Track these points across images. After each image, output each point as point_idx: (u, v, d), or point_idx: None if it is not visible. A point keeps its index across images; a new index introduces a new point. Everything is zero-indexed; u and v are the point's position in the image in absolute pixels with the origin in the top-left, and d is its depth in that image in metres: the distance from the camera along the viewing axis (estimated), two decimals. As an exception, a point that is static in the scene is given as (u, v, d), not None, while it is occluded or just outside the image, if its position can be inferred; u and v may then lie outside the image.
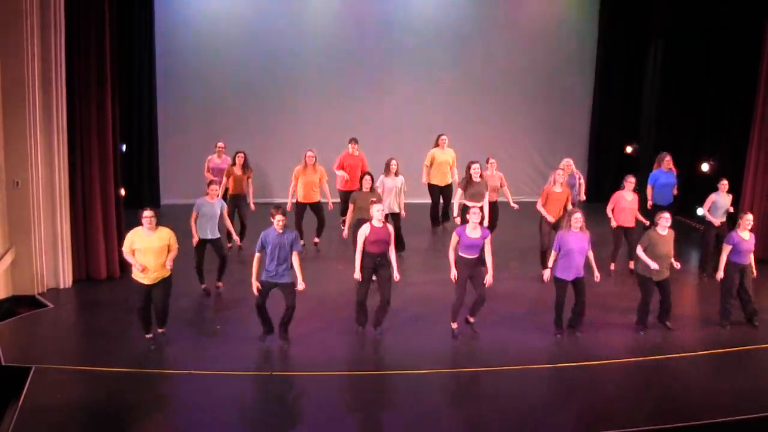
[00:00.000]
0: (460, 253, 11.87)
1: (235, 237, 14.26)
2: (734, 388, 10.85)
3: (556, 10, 21.67)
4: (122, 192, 15.00)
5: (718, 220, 14.71)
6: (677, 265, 12.52)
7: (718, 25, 18.70)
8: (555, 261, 12.10)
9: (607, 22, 21.56)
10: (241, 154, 15.98)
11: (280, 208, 11.33)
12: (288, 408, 10.20)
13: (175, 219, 14.65)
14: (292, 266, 11.36)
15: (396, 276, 11.88)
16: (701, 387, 11.04)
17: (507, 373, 11.15)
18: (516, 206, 16.49)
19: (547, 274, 12.24)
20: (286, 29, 20.20)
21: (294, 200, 15.89)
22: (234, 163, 15.99)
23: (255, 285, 11.39)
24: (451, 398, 10.72)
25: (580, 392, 10.77)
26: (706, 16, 19.10)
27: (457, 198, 15.46)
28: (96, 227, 14.10)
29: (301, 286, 11.33)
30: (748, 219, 12.60)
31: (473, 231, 11.77)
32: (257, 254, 11.39)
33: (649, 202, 15.78)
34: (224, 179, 15.82)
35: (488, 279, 11.92)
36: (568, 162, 15.91)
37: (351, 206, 14.19)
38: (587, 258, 12.14)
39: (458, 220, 15.00)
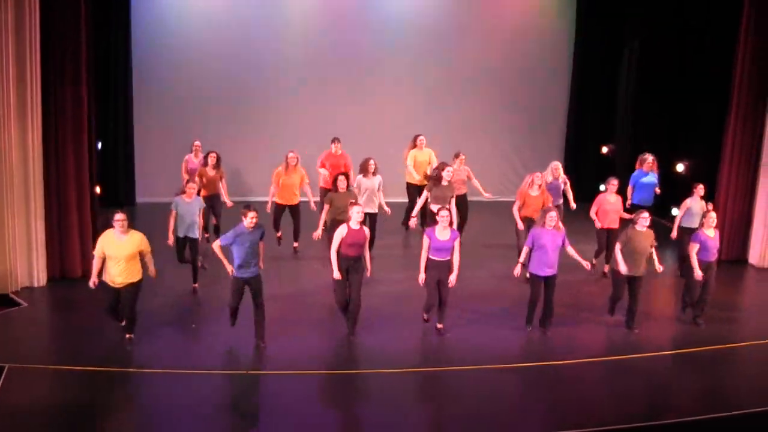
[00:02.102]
0: (431, 256, 11.80)
1: (205, 236, 13.95)
2: (704, 387, 10.99)
3: (533, 12, 21.70)
4: (97, 190, 14.92)
5: (694, 225, 14.69)
6: (659, 268, 12.67)
7: (693, 27, 18.84)
8: (528, 257, 12.16)
9: (584, 23, 21.64)
10: (214, 154, 15.81)
11: (251, 206, 11.31)
12: (262, 406, 10.21)
13: (151, 217, 14.63)
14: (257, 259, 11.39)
15: (367, 272, 11.91)
16: (673, 386, 11.15)
17: (480, 371, 11.19)
18: (488, 195, 16.43)
19: (517, 269, 12.29)
20: (265, 27, 20.16)
21: (273, 200, 15.77)
22: (206, 163, 15.89)
23: (229, 269, 11.38)
24: (425, 397, 10.76)
25: (553, 391, 10.84)
26: (681, 19, 19.24)
27: (422, 199, 15.11)
28: (71, 225, 14.03)
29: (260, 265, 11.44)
30: (712, 217, 12.81)
31: (443, 233, 11.73)
32: (222, 245, 11.33)
33: (629, 201, 15.86)
34: (197, 179, 15.58)
35: (452, 279, 11.89)
36: (556, 165, 15.83)
37: (326, 207, 14.05)
38: (569, 254, 12.23)
39: (413, 222, 15.01)
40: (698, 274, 12.66)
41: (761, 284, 15.69)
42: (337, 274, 11.61)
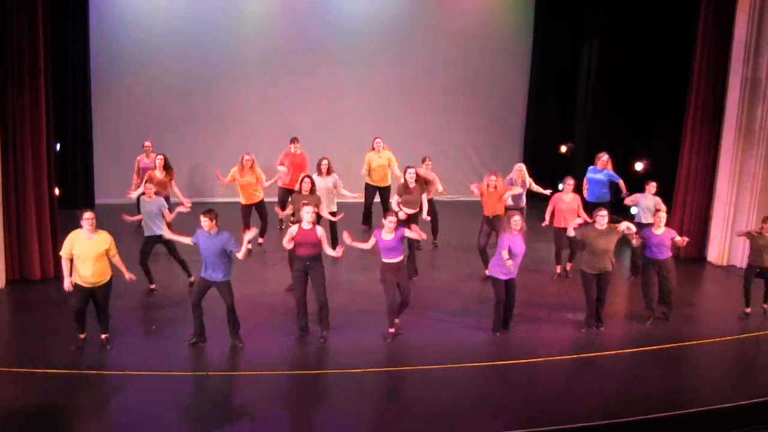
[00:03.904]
0: (382, 258, 11.82)
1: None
2: (664, 385, 11.07)
3: (492, 11, 21.86)
4: (56, 191, 14.77)
5: (643, 221, 14.80)
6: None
7: (651, 26, 19.04)
8: (492, 261, 12.20)
9: (543, 22, 21.84)
10: (161, 156, 15.76)
11: (210, 211, 11.26)
12: (225, 408, 10.16)
13: (110, 219, 14.44)
14: (224, 266, 11.30)
15: (338, 252, 11.63)
16: (633, 384, 11.21)
17: (445, 370, 11.22)
18: (441, 189, 16.24)
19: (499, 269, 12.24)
20: (223, 28, 20.07)
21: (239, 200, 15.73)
22: (154, 166, 15.78)
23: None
24: (391, 396, 10.79)
25: (516, 389, 10.91)
26: (639, 17, 19.43)
27: (394, 202, 14.88)
28: (29, 227, 13.87)
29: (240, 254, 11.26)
30: (661, 217, 12.94)
31: (387, 234, 11.69)
32: (192, 242, 11.48)
33: (584, 191, 16.01)
34: (147, 182, 14.92)
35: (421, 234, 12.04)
36: (519, 167, 15.82)
37: (290, 207, 13.96)
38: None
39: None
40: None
41: (719, 282, 15.85)
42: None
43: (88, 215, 10.99)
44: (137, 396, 10.18)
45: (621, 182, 16.00)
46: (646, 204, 14.80)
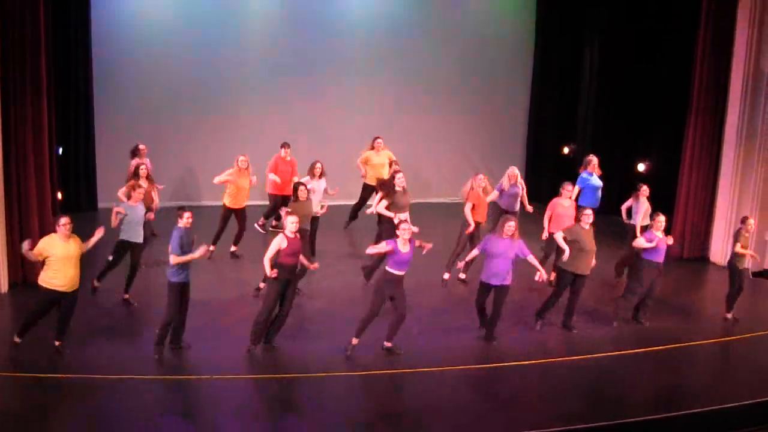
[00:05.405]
0: (389, 269, 11.38)
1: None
2: (659, 387, 11.14)
3: (494, 12, 21.87)
4: (59, 195, 14.80)
5: (638, 224, 14.82)
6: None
7: (653, 26, 19.06)
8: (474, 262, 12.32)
9: (544, 23, 21.86)
10: (146, 165, 15.54)
11: (185, 207, 11.46)
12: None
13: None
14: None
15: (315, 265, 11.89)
16: (626, 385, 11.26)
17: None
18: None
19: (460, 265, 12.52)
20: (226, 33, 20.05)
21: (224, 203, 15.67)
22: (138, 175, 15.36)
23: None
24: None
25: (514, 391, 10.96)
26: (641, 18, 19.45)
27: (380, 205, 14.35)
28: (32, 231, 13.85)
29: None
30: (660, 220, 12.90)
31: (405, 246, 11.30)
32: (176, 254, 11.19)
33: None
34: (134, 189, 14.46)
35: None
36: (513, 172, 15.59)
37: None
38: (530, 262, 12.12)
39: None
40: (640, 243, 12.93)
41: (721, 282, 15.78)
42: (273, 273, 11.18)
43: (64, 220, 11.01)
44: (136, 398, 10.26)
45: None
46: (636, 208, 14.81)
